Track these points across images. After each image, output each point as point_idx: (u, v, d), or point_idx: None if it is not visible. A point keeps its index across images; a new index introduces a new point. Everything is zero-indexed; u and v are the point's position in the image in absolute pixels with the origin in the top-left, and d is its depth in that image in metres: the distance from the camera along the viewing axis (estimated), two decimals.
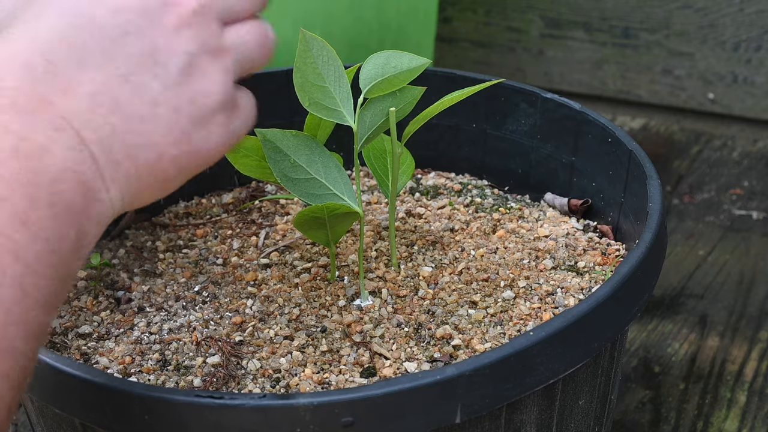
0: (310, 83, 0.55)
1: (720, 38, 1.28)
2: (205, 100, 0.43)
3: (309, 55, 0.55)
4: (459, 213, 0.69)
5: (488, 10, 1.39)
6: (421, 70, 0.56)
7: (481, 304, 0.58)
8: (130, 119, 0.41)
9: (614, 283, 0.49)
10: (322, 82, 0.55)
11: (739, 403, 0.82)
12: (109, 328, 0.59)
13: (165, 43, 0.42)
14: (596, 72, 1.37)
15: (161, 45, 0.42)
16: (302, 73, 0.55)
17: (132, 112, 0.41)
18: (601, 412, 0.57)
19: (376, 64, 0.56)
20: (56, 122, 0.39)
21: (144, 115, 0.41)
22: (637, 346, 0.89)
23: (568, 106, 0.69)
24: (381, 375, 0.53)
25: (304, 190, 0.56)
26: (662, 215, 0.56)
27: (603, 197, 0.67)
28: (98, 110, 0.40)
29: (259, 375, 0.53)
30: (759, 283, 0.97)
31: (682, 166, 1.21)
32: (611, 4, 1.32)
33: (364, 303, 0.59)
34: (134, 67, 0.41)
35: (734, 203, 1.12)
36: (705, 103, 1.32)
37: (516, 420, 0.49)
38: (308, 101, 0.55)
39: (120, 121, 0.41)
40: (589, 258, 0.63)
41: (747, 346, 0.88)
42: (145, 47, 0.42)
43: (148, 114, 0.42)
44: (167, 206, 0.73)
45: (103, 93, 0.41)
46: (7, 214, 0.35)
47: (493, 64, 1.42)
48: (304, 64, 0.55)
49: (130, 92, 0.41)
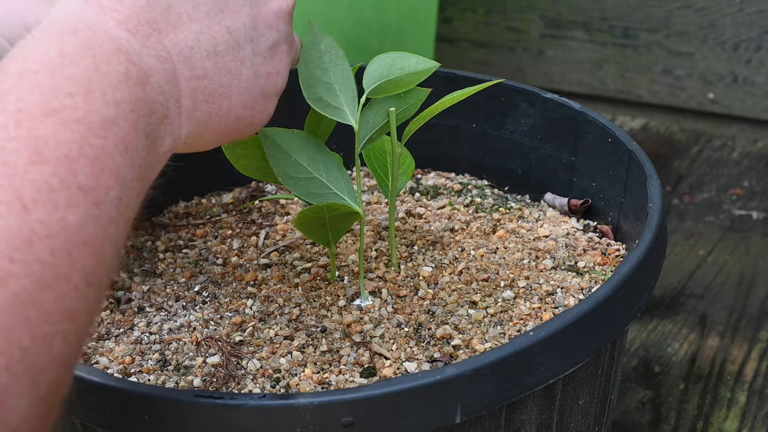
0: (315, 78, 0.54)
1: (720, 38, 1.28)
2: (276, 79, 0.48)
3: (317, 49, 0.54)
4: (459, 213, 0.69)
5: (488, 10, 1.39)
6: (429, 73, 0.55)
7: (481, 304, 0.58)
8: (220, 69, 0.45)
9: (614, 283, 0.49)
10: (327, 78, 0.54)
11: (739, 403, 0.82)
12: (109, 328, 0.59)
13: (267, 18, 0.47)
14: (596, 72, 1.37)
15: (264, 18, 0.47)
16: (308, 67, 0.55)
17: (223, 63, 0.45)
18: (601, 412, 0.57)
19: (382, 65, 0.55)
20: (161, 53, 0.42)
21: (232, 69, 0.45)
22: (637, 346, 0.89)
23: (568, 106, 0.69)
24: (381, 375, 0.53)
25: (304, 189, 0.56)
26: (662, 215, 0.56)
27: (603, 197, 0.67)
28: (198, 50, 0.43)
29: (259, 375, 0.53)
30: (759, 283, 0.97)
31: (682, 166, 1.21)
32: (611, 4, 1.32)
33: (364, 303, 0.59)
34: (238, 25, 0.45)
35: (734, 203, 1.12)
36: (705, 103, 1.32)
37: (516, 420, 0.49)
38: (312, 96, 0.54)
39: (212, 67, 0.44)
40: (589, 258, 0.63)
41: (747, 346, 0.88)
42: (252, 12, 0.46)
43: (235, 70, 0.45)
44: (167, 206, 0.73)
45: (207, 36, 0.44)
46: (115, 138, 0.37)
47: (493, 64, 1.42)
48: (309, 58, 0.55)
49: (227, 45, 0.45)
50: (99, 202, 0.35)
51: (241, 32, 0.45)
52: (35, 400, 0.32)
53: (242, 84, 0.46)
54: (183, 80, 0.43)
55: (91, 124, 0.36)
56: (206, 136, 0.46)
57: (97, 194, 0.35)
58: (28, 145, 0.34)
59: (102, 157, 0.36)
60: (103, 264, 0.35)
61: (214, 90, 0.44)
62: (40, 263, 0.32)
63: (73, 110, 0.36)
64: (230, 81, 0.45)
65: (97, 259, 0.35)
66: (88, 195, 0.35)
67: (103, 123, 0.37)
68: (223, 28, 0.45)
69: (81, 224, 0.34)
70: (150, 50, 0.41)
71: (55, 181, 0.34)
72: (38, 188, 0.33)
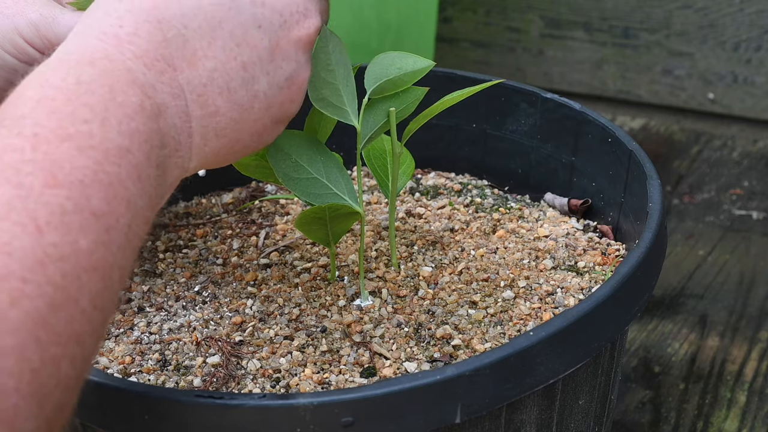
0: (321, 79, 0.54)
1: (720, 38, 1.28)
2: (290, 106, 0.47)
3: (325, 51, 0.54)
4: (459, 213, 0.69)
5: (488, 10, 1.39)
6: (426, 71, 0.56)
7: (481, 304, 0.58)
8: (232, 105, 0.44)
9: (614, 283, 0.49)
10: (333, 79, 0.54)
11: (739, 403, 0.82)
12: (109, 327, 0.59)
13: (286, 50, 0.45)
14: (596, 72, 1.37)
15: (283, 49, 0.45)
16: (315, 69, 0.55)
17: (236, 99, 0.44)
18: (601, 412, 0.57)
19: (381, 65, 0.56)
20: (174, 90, 0.42)
21: (244, 104, 0.44)
22: (637, 346, 0.89)
23: (568, 106, 0.69)
24: (381, 375, 0.53)
25: (305, 189, 0.56)
26: (662, 215, 0.56)
27: (603, 197, 0.67)
28: (211, 88, 0.43)
29: (259, 375, 0.53)
30: (759, 283, 0.97)
31: (682, 166, 1.21)
32: (611, 4, 1.32)
33: (364, 303, 0.59)
34: (254, 59, 0.44)
35: (734, 203, 1.12)
36: (705, 103, 1.32)
37: (516, 420, 0.49)
38: (317, 97, 0.54)
39: (224, 104, 0.44)
40: (589, 258, 0.63)
41: (747, 346, 0.88)
42: (269, 45, 0.45)
43: (248, 105, 0.45)
44: (167, 206, 0.73)
45: (221, 73, 0.43)
46: (129, 166, 0.37)
47: (493, 64, 1.42)
48: (317, 59, 0.55)
49: (241, 80, 0.44)
50: (110, 228, 0.36)
51: (257, 66, 0.44)
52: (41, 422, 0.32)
53: (253, 116, 0.45)
54: (195, 118, 0.43)
55: (107, 152, 0.37)
56: (213, 163, 0.47)
57: (108, 220, 0.36)
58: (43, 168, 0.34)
59: (115, 184, 0.36)
60: (110, 290, 0.36)
61: (225, 126, 0.44)
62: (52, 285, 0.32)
63: (89, 137, 0.36)
64: (241, 115, 0.45)
65: (105, 285, 0.35)
66: (99, 220, 0.35)
67: (118, 151, 0.37)
68: (239, 63, 0.44)
69: (92, 249, 0.34)
70: (164, 86, 0.41)
71: (69, 204, 0.34)
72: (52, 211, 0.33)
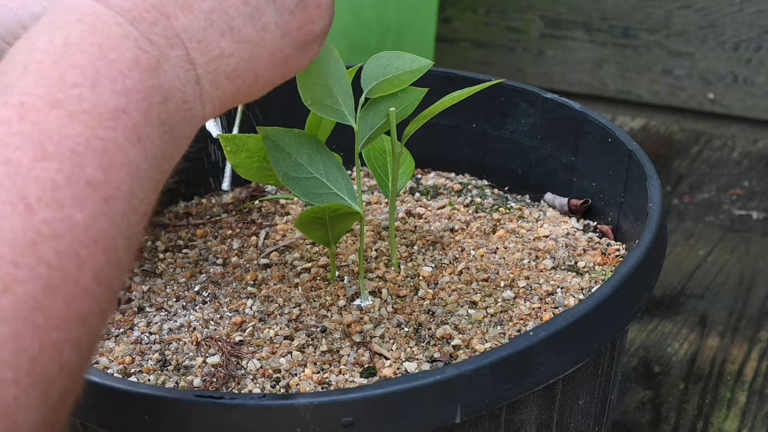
0: (312, 81, 0.54)
1: (720, 38, 1.28)
2: (311, 26, 0.44)
3: None
4: (459, 213, 0.69)
5: (488, 10, 1.39)
6: (423, 71, 0.56)
7: (481, 304, 0.58)
8: (239, 44, 0.41)
9: (614, 283, 0.49)
10: (324, 81, 0.54)
11: (739, 403, 0.82)
12: (109, 327, 0.59)
13: None
14: (596, 72, 1.37)
15: None
16: (306, 71, 0.55)
17: (242, 37, 0.41)
18: (601, 412, 0.57)
19: (378, 65, 0.56)
20: (171, 38, 0.39)
21: (253, 39, 0.42)
22: (637, 346, 0.89)
23: (568, 106, 0.69)
24: (381, 375, 0.53)
25: (304, 189, 0.56)
26: (662, 215, 0.56)
27: (603, 197, 0.67)
28: (211, 31, 0.40)
29: (259, 375, 0.53)
30: (759, 283, 0.97)
31: (682, 166, 1.21)
32: (611, 4, 1.32)
33: (364, 303, 0.59)
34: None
35: (734, 203, 1.12)
36: (705, 103, 1.32)
37: (516, 420, 0.49)
38: (310, 99, 0.54)
39: (229, 45, 0.41)
40: (589, 258, 0.63)
41: (747, 346, 0.88)
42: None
43: (257, 39, 0.42)
44: (167, 206, 0.73)
45: (220, 13, 0.41)
46: (126, 128, 0.35)
47: (493, 64, 1.42)
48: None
49: (244, 17, 0.41)
50: (109, 197, 0.34)
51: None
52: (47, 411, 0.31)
53: (267, 49, 0.42)
54: (199, 64, 0.40)
55: (100, 116, 0.34)
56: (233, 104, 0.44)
57: (107, 189, 0.34)
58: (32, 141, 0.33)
59: (111, 150, 0.34)
60: (115, 262, 0.34)
61: (235, 66, 0.42)
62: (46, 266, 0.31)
63: (80, 101, 0.34)
64: (252, 52, 0.42)
65: (108, 258, 0.33)
66: (97, 190, 0.33)
67: (112, 114, 0.35)
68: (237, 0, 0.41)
69: (89, 222, 0.33)
70: (159, 37, 0.39)
71: (61, 177, 0.32)
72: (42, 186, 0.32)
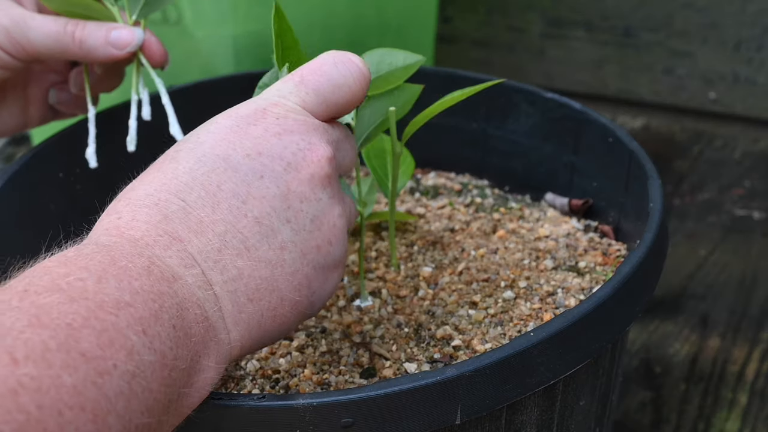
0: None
1: (721, 38, 1.28)
2: (330, 249, 0.44)
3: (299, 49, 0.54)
4: (459, 213, 0.69)
5: (489, 9, 1.39)
6: (416, 67, 0.55)
7: (481, 304, 0.58)
8: (257, 263, 0.41)
9: (615, 283, 0.49)
10: None
11: (740, 404, 0.81)
12: None
13: (299, 190, 0.42)
14: (597, 71, 1.36)
15: (295, 191, 0.42)
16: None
17: (260, 256, 0.41)
18: (601, 413, 0.56)
19: (371, 62, 0.55)
20: (185, 259, 0.40)
21: (271, 259, 0.42)
22: (638, 347, 0.89)
23: (568, 105, 0.68)
24: (381, 376, 0.53)
25: None
26: (663, 215, 0.55)
27: (604, 197, 0.67)
28: (227, 252, 0.40)
29: (258, 375, 0.53)
30: (760, 283, 0.97)
31: (683, 166, 1.21)
32: (612, 4, 1.32)
33: (364, 303, 0.58)
34: (267, 211, 0.41)
35: (735, 203, 1.11)
36: (706, 103, 1.32)
37: (516, 421, 0.49)
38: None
39: (247, 265, 0.41)
40: (589, 258, 0.63)
41: (748, 346, 0.88)
42: (279, 192, 0.42)
43: (275, 259, 0.42)
44: None
45: (234, 233, 0.41)
46: (130, 317, 0.35)
47: (494, 64, 1.41)
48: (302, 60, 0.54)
49: (260, 236, 0.41)
50: (104, 372, 0.33)
51: (273, 217, 0.42)
52: None
53: (288, 269, 0.42)
54: (216, 285, 0.40)
55: (102, 303, 0.35)
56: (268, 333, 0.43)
57: (101, 364, 0.33)
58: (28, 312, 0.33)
59: (111, 331, 0.34)
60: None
61: (256, 287, 0.41)
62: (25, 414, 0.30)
63: (83, 291, 0.35)
64: (272, 271, 0.42)
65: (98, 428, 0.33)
66: (90, 362, 0.33)
67: (115, 303, 0.35)
68: (251, 220, 0.41)
69: (79, 387, 0.32)
70: (173, 258, 0.39)
71: (53, 343, 0.32)
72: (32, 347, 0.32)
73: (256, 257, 0.41)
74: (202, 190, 0.41)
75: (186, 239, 0.40)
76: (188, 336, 0.38)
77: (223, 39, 0.83)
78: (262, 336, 0.43)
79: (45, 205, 0.66)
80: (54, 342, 0.32)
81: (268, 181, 0.42)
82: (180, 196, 0.41)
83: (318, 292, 0.44)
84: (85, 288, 0.35)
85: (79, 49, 0.61)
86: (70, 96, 0.68)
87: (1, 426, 0.30)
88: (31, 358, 0.31)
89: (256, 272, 0.41)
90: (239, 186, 0.41)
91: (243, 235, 0.41)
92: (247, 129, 0.43)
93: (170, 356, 0.37)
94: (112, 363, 0.34)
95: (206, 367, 0.40)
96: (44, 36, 0.61)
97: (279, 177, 0.42)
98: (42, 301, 0.34)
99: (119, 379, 0.34)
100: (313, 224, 0.43)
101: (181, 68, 0.83)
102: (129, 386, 0.34)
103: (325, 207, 0.44)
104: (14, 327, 0.32)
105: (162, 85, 0.64)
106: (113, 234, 0.40)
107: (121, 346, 0.34)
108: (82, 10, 0.62)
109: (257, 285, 0.41)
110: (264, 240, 0.41)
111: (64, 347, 0.32)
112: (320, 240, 0.43)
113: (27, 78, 0.68)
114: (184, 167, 0.42)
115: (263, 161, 0.42)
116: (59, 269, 0.36)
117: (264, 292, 0.42)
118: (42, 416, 0.31)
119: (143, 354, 0.35)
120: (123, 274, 0.37)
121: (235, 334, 0.41)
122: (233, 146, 0.42)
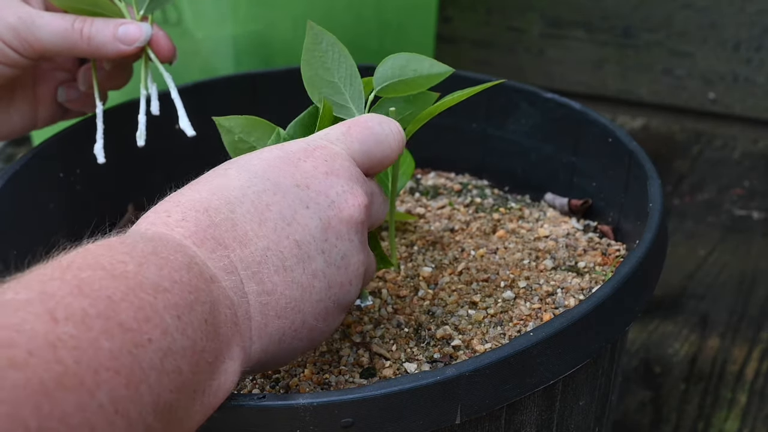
0: (319, 77, 0.54)
1: (721, 38, 1.28)
2: (349, 289, 0.46)
3: (318, 48, 0.54)
4: (459, 213, 0.69)
5: (489, 9, 1.39)
6: (443, 77, 0.54)
7: (481, 304, 0.58)
8: (291, 283, 0.44)
9: (615, 283, 0.49)
10: (331, 77, 0.54)
11: (740, 404, 0.81)
12: None
13: (337, 227, 0.45)
14: (597, 72, 1.36)
15: (334, 227, 0.45)
16: (311, 67, 0.54)
17: (294, 278, 0.44)
18: (601, 413, 0.56)
19: (395, 65, 0.55)
20: (227, 265, 0.42)
21: (303, 283, 0.44)
22: (637, 347, 0.89)
23: (568, 106, 0.68)
24: (381, 375, 0.53)
25: None
26: (663, 215, 0.55)
27: (603, 197, 0.67)
28: (266, 266, 0.43)
29: (258, 375, 0.53)
30: (760, 283, 0.97)
31: (682, 166, 1.21)
32: (612, 4, 1.32)
33: (364, 303, 0.58)
34: (307, 238, 0.44)
35: (735, 203, 1.11)
36: (706, 103, 1.32)
37: (516, 421, 0.49)
38: (317, 96, 0.54)
39: (281, 282, 0.43)
40: (589, 258, 0.63)
41: (748, 346, 0.88)
42: (321, 224, 0.45)
43: (307, 283, 0.44)
44: None
45: (275, 251, 0.43)
46: (166, 301, 0.37)
47: (494, 64, 1.41)
48: (312, 58, 0.54)
49: (297, 259, 0.44)
50: (139, 344, 0.35)
51: (311, 245, 0.44)
52: None
53: (314, 296, 0.44)
54: (251, 294, 0.42)
55: (141, 283, 0.37)
56: (281, 353, 0.45)
57: (137, 336, 0.35)
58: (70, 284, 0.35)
59: (147, 309, 0.36)
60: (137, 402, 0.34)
61: (285, 305, 0.43)
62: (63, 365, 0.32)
63: (124, 271, 0.37)
64: (302, 295, 0.44)
65: (130, 394, 0.34)
66: (127, 333, 0.35)
67: (154, 287, 0.37)
68: (292, 242, 0.44)
69: (115, 353, 0.34)
70: (215, 262, 0.41)
71: (93, 310, 0.34)
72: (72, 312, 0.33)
73: (291, 278, 0.44)
74: (251, 206, 0.43)
75: (231, 247, 0.42)
76: (217, 334, 0.40)
77: (223, 39, 0.83)
78: (276, 354, 0.45)
79: (45, 205, 0.66)
80: (94, 310, 0.34)
81: (312, 212, 0.45)
82: (230, 207, 0.43)
83: (327, 328, 0.47)
84: (126, 269, 0.37)
85: (87, 46, 0.62)
86: (79, 94, 0.68)
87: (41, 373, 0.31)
88: (71, 320, 0.33)
89: (288, 291, 0.43)
90: (286, 210, 0.44)
91: (283, 255, 0.43)
92: (298, 162, 0.46)
93: (200, 346, 0.38)
94: (147, 337, 0.35)
95: (229, 368, 0.41)
96: (52, 33, 0.61)
97: (322, 211, 0.45)
98: (84, 275, 0.35)
99: (153, 353, 0.35)
100: (342, 261, 0.46)
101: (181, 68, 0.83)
102: (161, 363, 0.36)
103: (355, 250, 0.46)
104: (56, 294, 0.34)
105: (171, 79, 0.64)
106: (160, 229, 0.42)
107: (156, 324, 0.36)
108: (90, 7, 0.62)
109: (286, 303, 0.43)
110: (300, 263, 0.44)
111: (104, 315, 0.34)
112: (344, 278, 0.46)
113: (36, 77, 0.68)
114: (235, 183, 0.44)
115: (310, 194, 0.45)
116: (102, 251, 0.38)
117: (291, 312, 0.44)
118: (79, 370, 0.32)
119: (176, 336, 0.37)
120: (164, 264, 0.38)
121: (257, 345, 0.43)
122: (284, 174, 0.45)
